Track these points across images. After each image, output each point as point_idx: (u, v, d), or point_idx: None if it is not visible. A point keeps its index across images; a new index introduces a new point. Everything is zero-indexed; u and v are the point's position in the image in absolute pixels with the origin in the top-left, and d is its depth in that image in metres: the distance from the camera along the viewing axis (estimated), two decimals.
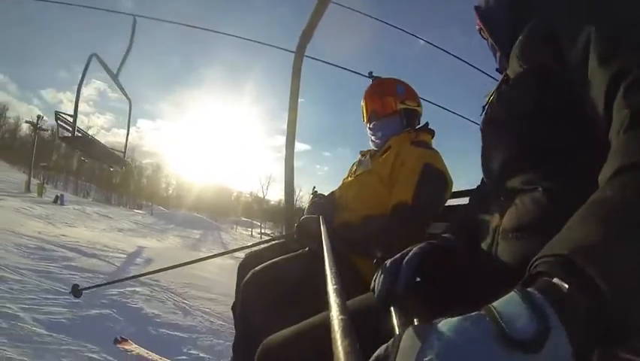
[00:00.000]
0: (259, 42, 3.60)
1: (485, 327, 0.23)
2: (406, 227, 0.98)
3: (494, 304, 0.25)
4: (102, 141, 2.98)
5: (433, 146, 1.21)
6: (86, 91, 78.96)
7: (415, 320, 0.37)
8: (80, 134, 2.54)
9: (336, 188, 1.35)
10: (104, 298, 2.40)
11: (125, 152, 3.23)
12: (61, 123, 2.52)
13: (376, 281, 0.51)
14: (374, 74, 1.39)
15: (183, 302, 2.70)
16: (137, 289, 2.71)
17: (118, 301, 2.36)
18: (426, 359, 0.22)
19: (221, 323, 2.39)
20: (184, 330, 2.18)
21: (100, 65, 2.52)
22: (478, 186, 0.78)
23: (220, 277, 4.01)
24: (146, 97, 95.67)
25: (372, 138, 1.28)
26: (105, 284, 1.73)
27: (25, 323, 1.75)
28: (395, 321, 0.40)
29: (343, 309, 0.33)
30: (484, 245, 0.55)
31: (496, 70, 0.76)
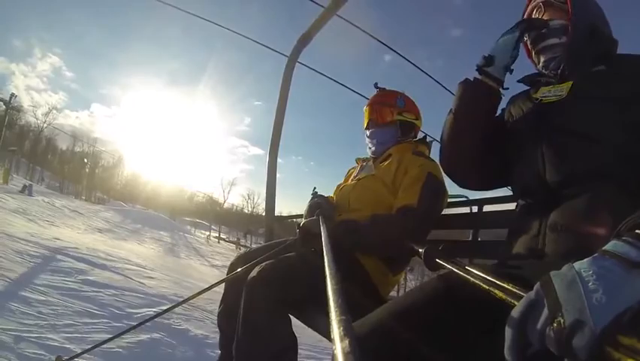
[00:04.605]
0: (255, 41, 3.44)
1: (611, 260, 0.33)
2: (412, 228, 1.01)
3: (604, 248, 0.35)
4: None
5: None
6: (40, 65, 72.05)
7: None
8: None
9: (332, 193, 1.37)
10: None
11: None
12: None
13: None
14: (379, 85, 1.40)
15: None
16: None
17: (160, 322, 2.17)
18: (590, 283, 0.31)
19: None
20: None
21: None
22: None
23: None
24: (103, 80, 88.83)
25: (369, 144, 1.32)
26: (90, 349, 1.38)
27: (80, 358, 1.55)
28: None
29: (343, 309, 0.33)
30: (528, 235, 0.64)
31: (541, 68, 0.79)
